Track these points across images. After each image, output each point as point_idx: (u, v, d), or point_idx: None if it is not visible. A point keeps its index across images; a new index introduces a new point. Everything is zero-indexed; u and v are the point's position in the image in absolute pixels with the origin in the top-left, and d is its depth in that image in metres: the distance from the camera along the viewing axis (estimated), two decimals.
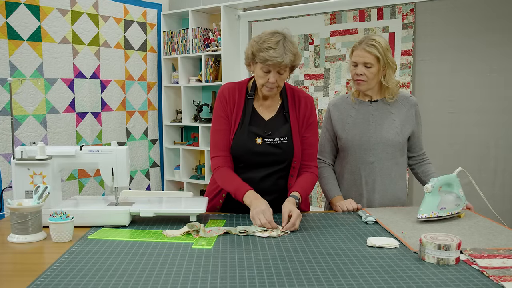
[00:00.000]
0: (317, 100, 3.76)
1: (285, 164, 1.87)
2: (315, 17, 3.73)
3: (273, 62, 1.70)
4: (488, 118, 3.13)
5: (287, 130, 1.86)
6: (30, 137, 3.29)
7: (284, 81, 1.82)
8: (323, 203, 3.55)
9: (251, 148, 1.82)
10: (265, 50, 1.70)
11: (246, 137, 1.83)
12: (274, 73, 1.75)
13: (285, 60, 1.70)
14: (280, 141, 1.84)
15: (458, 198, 1.79)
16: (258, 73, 1.78)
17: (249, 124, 1.85)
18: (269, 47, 1.70)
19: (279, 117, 1.89)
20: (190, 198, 1.95)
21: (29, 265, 1.35)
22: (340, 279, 1.21)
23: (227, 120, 1.87)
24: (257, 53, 1.73)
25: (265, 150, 1.83)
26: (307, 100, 1.92)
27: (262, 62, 1.72)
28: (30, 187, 1.68)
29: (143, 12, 4.16)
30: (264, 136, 1.84)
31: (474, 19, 3.13)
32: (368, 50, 1.93)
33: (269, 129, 1.85)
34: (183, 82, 4.28)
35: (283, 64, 1.71)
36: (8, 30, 3.12)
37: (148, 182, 4.33)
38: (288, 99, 1.90)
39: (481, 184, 2.00)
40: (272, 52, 1.69)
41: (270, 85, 1.77)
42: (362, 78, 1.97)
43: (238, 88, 1.90)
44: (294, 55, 1.74)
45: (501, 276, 1.21)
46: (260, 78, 1.78)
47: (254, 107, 1.88)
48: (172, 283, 1.18)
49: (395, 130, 2.01)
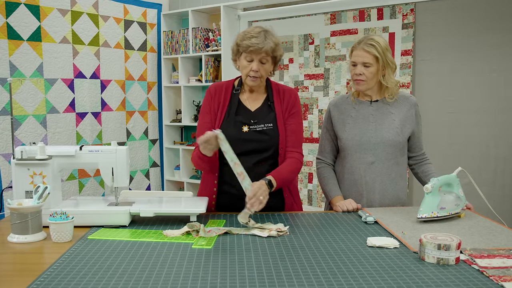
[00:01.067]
0: (317, 100, 3.76)
1: (272, 150, 1.93)
2: (315, 17, 3.73)
3: (255, 48, 1.83)
4: (488, 118, 3.13)
5: (272, 118, 1.96)
6: (30, 137, 3.29)
7: (267, 71, 1.92)
8: (323, 203, 3.56)
9: (238, 135, 1.90)
10: (247, 38, 1.85)
11: (233, 125, 1.92)
12: (257, 62, 1.87)
13: (266, 46, 1.83)
14: (265, 127, 1.93)
15: (458, 198, 1.79)
16: (242, 64, 1.90)
17: (236, 115, 1.94)
18: (252, 36, 1.85)
19: (265, 107, 1.98)
20: (190, 198, 1.95)
21: (29, 265, 1.35)
22: (340, 279, 1.21)
23: (210, 115, 1.98)
24: (241, 42, 1.87)
25: (252, 137, 1.91)
26: (291, 92, 2.03)
27: (245, 50, 1.85)
28: (30, 187, 1.68)
29: (143, 12, 4.16)
30: (250, 124, 1.93)
31: (474, 19, 3.13)
32: (367, 50, 1.94)
33: (255, 118, 1.95)
34: (183, 82, 4.28)
35: (263, 50, 1.83)
36: (8, 30, 3.12)
37: (148, 182, 4.33)
38: (273, 92, 2.01)
39: (481, 184, 2.00)
40: (254, 39, 1.84)
41: (254, 73, 1.88)
42: (361, 78, 1.97)
43: (225, 86, 2.02)
44: (275, 44, 1.88)
45: (501, 276, 1.21)
46: (244, 68, 1.90)
47: (241, 100, 1.99)
48: (172, 283, 1.18)
49: (395, 130, 2.01)
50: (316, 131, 3.77)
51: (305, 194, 3.84)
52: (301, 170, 3.83)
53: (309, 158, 3.80)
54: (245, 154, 1.90)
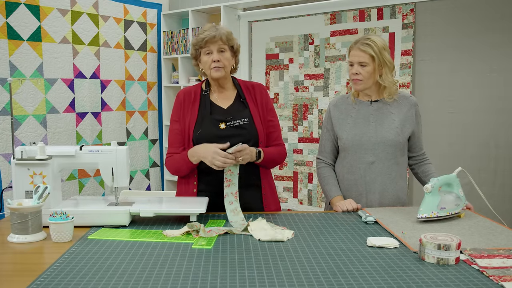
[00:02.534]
0: (317, 100, 3.76)
1: (251, 144, 1.94)
2: (315, 17, 3.73)
3: (209, 37, 1.90)
4: (488, 118, 3.13)
5: (248, 114, 2.00)
6: (30, 137, 3.29)
7: (229, 61, 1.97)
8: (323, 203, 3.56)
9: (216, 133, 1.93)
10: (200, 34, 1.94)
11: (210, 125, 1.95)
12: (216, 52, 1.92)
13: (219, 33, 1.91)
14: (242, 122, 1.97)
15: (458, 198, 1.79)
16: (204, 60, 1.95)
17: (210, 114, 1.97)
18: (204, 30, 1.95)
19: (237, 104, 2.02)
20: (190, 198, 1.95)
21: (29, 265, 1.35)
22: (340, 279, 1.21)
23: (180, 123, 2.01)
24: (196, 41, 1.95)
25: (230, 133, 1.94)
26: (261, 88, 2.09)
27: (202, 44, 1.92)
28: (30, 187, 1.68)
29: (143, 12, 4.16)
30: (226, 121, 1.96)
31: (474, 19, 3.13)
32: (363, 49, 1.95)
33: (229, 115, 1.98)
34: (183, 82, 4.28)
35: (218, 37, 1.91)
36: (8, 30, 3.12)
37: (148, 182, 4.33)
38: (242, 89, 2.06)
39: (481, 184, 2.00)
40: (206, 32, 1.93)
41: (216, 64, 1.92)
42: (358, 77, 1.98)
43: (194, 90, 2.06)
44: (228, 33, 1.95)
45: (501, 276, 1.21)
46: (206, 63, 1.95)
47: (212, 100, 2.02)
48: (172, 283, 1.18)
49: (395, 130, 2.01)
50: (316, 131, 3.77)
51: (305, 194, 3.84)
52: (301, 170, 3.84)
53: (309, 158, 3.80)
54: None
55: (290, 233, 1.59)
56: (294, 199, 3.89)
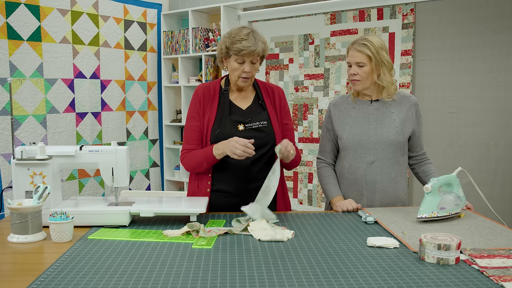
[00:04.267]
0: (317, 100, 3.76)
1: (268, 147, 1.95)
2: (315, 17, 3.73)
3: (248, 51, 1.85)
4: (488, 118, 3.13)
5: (266, 116, 1.99)
6: (30, 137, 3.29)
7: (256, 70, 1.97)
8: (323, 203, 3.55)
9: (235, 135, 1.90)
10: (238, 42, 1.86)
11: (229, 125, 1.93)
12: (248, 63, 1.90)
13: (258, 48, 1.86)
14: (260, 125, 1.96)
15: (458, 198, 1.79)
16: (232, 66, 1.91)
17: (229, 114, 1.95)
18: (241, 38, 1.86)
19: (256, 106, 2.02)
20: (190, 198, 1.95)
21: (29, 265, 1.35)
22: (340, 279, 1.21)
23: (199, 120, 1.98)
24: (231, 45, 1.87)
25: (248, 135, 1.91)
26: (279, 90, 2.09)
27: (237, 53, 1.87)
28: (30, 187, 1.68)
29: (143, 12, 4.16)
30: (245, 123, 1.95)
31: (474, 19, 3.13)
32: (360, 50, 1.96)
33: (248, 116, 1.97)
34: (183, 82, 4.28)
35: (256, 52, 1.86)
36: (8, 30, 3.12)
37: (148, 182, 4.33)
38: (261, 90, 2.05)
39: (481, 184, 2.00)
40: (245, 42, 1.85)
41: (246, 74, 1.91)
42: (356, 77, 1.99)
43: (213, 86, 2.03)
44: (264, 44, 1.92)
45: (501, 276, 1.21)
46: (235, 70, 1.91)
47: (231, 100, 2.00)
48: (172, 283, 1.18)
49: (395, 130, 2.01)
50: (316, 131, 3.77)
51: (305, 194, 3.84)
52: (301, 170, 3.84)
53: (309, 158, 3.80)
54: None
55: (290, 233, 1.59)
56: (294, 199, 3.89)
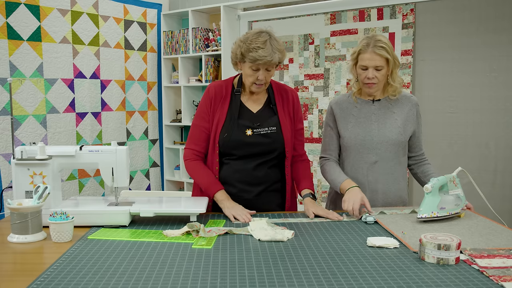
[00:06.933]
0: (317, 100, 3.76)
1: (275, 153, 1.94)
2: (315, 17, 3.73)
3: (263, 61, 1.79)
4: (488, 118, 3.13)
5: (276, 122, 1.95)
6: (30, 137, 3.29)
7: (271, 77, 1.92)
8: (324, 203, 3.55)
9: (242, 139, 1.89)
10: (254, 50, 1.78)
11: (236, 129, 1.90)
12: (263, 71, 1.84)
13: (274, 58, 1.80)
14: (269, 131, 1.93)
15: (458, 198, 1.79)
16: (247, 72, 1.86)
17: (238, 118, 1.92)
18: (258, 47, 1.78)
19: (267, 110, 1.97)
20: (190, 198, 1.95)
21: (29, 265, 1.35)
22: (340, 279, 1.21)
23: (208, 121, 1.95)
24: (246, 53, 1.81)
25: (256, 141, 1.90)
26: (293, 94, 2.04)
27: (252, 62, 1.81)
28: (30, 187, 1.68)
29: (143, 12, 4.16)
30: (253, 127, 1.92)
31: (474, 19, 3.13)
32: (379, 53, 1.88)
33: (257, 121, 1.93)
34: (183, 82, 4.28)
35: (272, 62, 1.80)
36: (8, 30, 3.12)
37: (148, 182, 4.33)
38: (275, 93, 1.99)
39: (481, 184, 2.00)
40: (261, 51, 1.78)
41: (260, 82, 1.86)
42: (373, 81, 1.93)
43: (225, 86, 1.98)
44: (281, 53, 1.84)
45: (501, 276, 1.21)
46: (250, 77, 1.86)
47: (242, 102, 1.96)
48: (172, 283, 1.18)
49: (397, 130, 2.00)
50: (316, 131, 3.77)
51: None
52: None
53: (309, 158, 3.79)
54: (248, 157, 1.91)
55: (290, 233, 1.59)
56: None
